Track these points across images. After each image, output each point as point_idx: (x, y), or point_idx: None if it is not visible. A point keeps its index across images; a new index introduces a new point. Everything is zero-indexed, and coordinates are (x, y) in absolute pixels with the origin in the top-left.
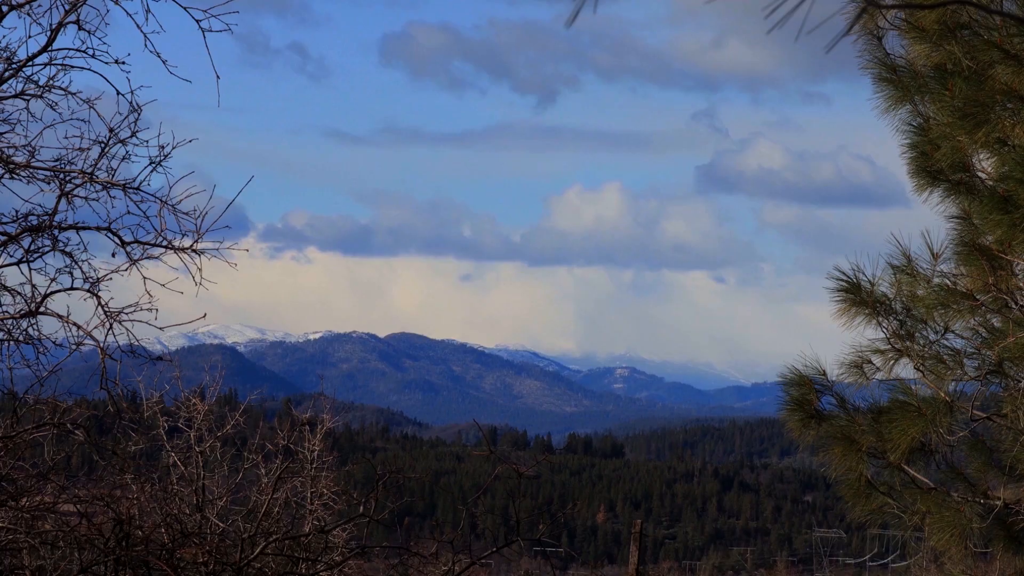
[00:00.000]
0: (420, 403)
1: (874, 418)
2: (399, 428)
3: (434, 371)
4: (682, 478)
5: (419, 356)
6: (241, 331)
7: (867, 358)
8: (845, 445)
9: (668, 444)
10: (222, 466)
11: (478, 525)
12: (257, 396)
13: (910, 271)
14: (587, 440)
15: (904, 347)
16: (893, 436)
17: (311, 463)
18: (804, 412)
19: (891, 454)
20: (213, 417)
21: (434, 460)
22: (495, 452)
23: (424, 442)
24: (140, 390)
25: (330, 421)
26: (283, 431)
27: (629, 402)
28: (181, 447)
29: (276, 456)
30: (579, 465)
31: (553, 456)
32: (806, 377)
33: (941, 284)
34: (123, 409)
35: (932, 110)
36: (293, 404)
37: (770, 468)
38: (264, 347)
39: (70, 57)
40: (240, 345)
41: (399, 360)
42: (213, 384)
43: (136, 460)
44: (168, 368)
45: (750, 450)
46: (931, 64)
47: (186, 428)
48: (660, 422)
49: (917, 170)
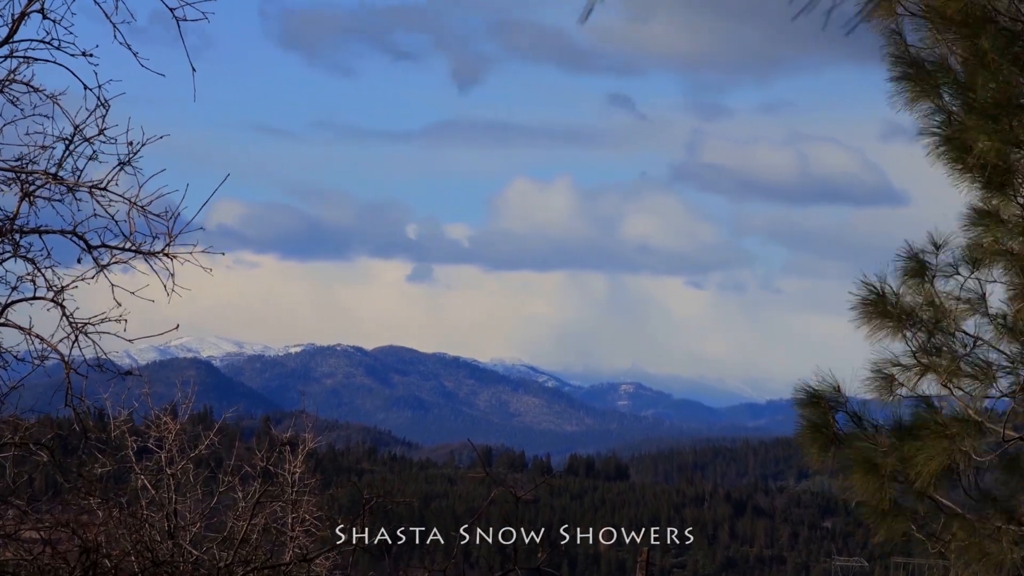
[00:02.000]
0: (409, 421)
1: (897, 439)
2: (387, 448)
3: (424, 387)
4: (692, 502)
5: (408, 371)
6: (217, 344)
7: (891, 373)
8: (867, 470)
9: (676, 465)
10: (196, 489)
11: (472, 553)
12: (234, 414)
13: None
14: (589, 461)
15: (931, 361)
16: (918, 459)
17: (292, 486)
18: (822, 436)
19: (916, 479)
20: (186, 437)
21: (424, 483)
22: (490, 474)
23: (414, 463)
24: (108, 407)
25: (313, 441)
26: (262, 452)
27: (634, 420)
28: (152, 469)
29: (254, 479)
30: (581, 488)
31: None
32: (821, 396)
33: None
34: (89, 428)
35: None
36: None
37: (786, 492)
38: (242, 361)
39: (33, 49)
40: (216, 359)
41: (387, 375)
42: (186, 401)
43: (103, 483)
44: (138, 383)
45: (764, 472)
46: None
47: (157, 449)
48: (668, 442)
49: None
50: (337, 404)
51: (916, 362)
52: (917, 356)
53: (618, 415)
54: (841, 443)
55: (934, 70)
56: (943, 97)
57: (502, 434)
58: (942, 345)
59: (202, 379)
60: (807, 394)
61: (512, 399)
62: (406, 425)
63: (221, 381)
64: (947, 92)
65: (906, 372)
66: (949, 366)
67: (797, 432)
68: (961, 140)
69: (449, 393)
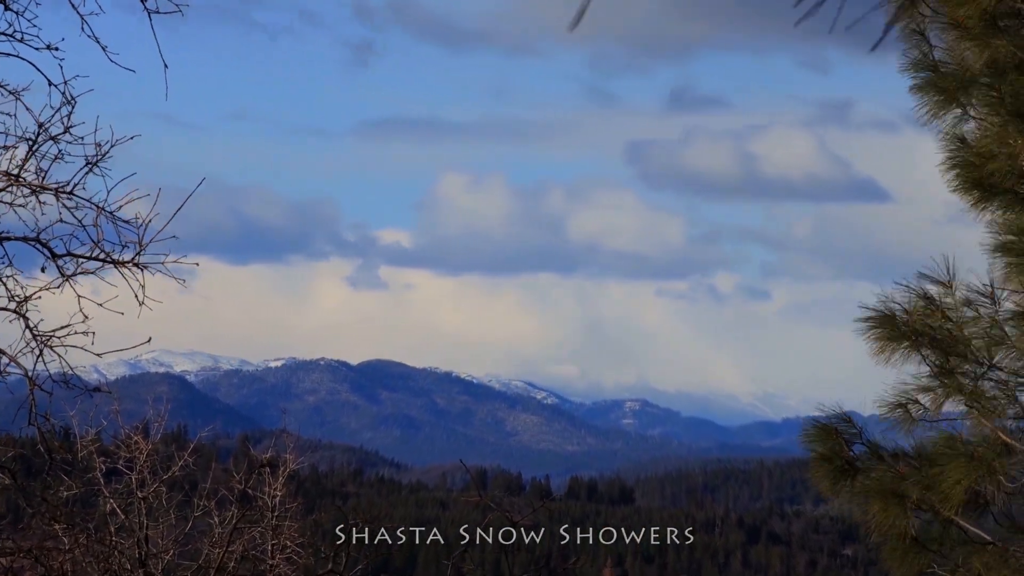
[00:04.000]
0: (398, 441)
1: (916, 466)
2: (374, 470)
3: (414, 404)
4: (702, 527)
5: (397, 387)
6: (191, 357)
7: (912, 397)
8: (885, 499)
9: (685, 488)
10: (169, 514)
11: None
12: (209, 432)
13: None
14: (592, 484)
15: (953, 382)
16: (943, 484)
17: (272, 511)
18: (834, 466)
19: (943, 507)
20: (158, 457)
21: (415, 507)
22: (485, 498)
23: (403, 486)
24: (74, 426)
25: (294, 462)
26: (240, 473)
27: (640, 440)
28: (122, 492)
29: (231, 503)
30: (582, 513)
31: (552, 502)
32: (831, 428)
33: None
34: (55, 448)
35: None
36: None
37: (803, 516)
38: (218, 376)
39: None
40: (190, 374)
41: (374, 391)
42: (159, 419)
43: (69, 507)
44: (107, 400)
45: (780, 495)
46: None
47: (127, 470)
48: (676, 462)
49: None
50: (320, 422)
51: (939, 383)
52: (939, 376)
53: (623, 434)
54: (857, 472)
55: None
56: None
57: (498, 454)
58: (961, 365)
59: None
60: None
61: (509, 417)
62: (395, 445)
63: (196, 397)
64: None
65: (928, 394)
66: (972, 386)
67: (809, 466)
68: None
69: (441, 410)
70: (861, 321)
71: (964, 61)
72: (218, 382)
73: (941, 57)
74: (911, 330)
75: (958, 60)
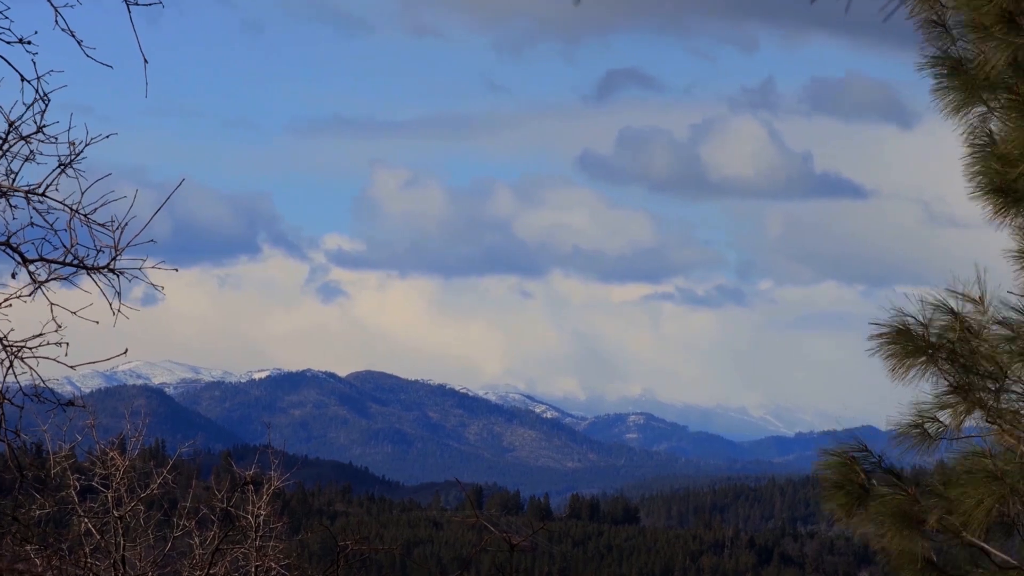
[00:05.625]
0: (389, 457)
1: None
2: (364, 488)
3: (406, 418)
4: (710, 549)
5: (388, 400)
6: (170, 369)
7: (930, 415)
8: (898, 523)
9: (693, 507)
10: (147, 534)
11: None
12: (190, 448)
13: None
14: (593, 503)
15: (975, 398)
16: (966, 504)
17: (256, 531)
18: (846, 492)
19: (966, 529)
20: (136, 474)
21: (406, 527)
22: (481, 517)
23: (394, 505)
24: (47, 441)
25: (279, 479)
26: (222, 492)
27: (645, 456)
28: (97, 511)
29: (213, 522)
30: (584, 533)
31: (552, 522)
32: (847, 456)
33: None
34: (26, 465)
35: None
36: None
37: (818, 537)
38: (198, 389)
39: None
40: (169, 386)
41: (364, 404)
42: (136, 434)
43: (42, 527)
44: (81, 415)
45: (793, 515)
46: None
47: (103, 488)
48: (683, 480)
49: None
50: (307, 437)
51: (959, 400)
52: (959, 393)
53: (626, 450)
54: (871, 497)
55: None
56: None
57: (494, 471)
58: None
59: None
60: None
61: (506, 431)
62: (386, 461)
63: (175, 411)
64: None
65: (946, 411)
66: (993, 402)
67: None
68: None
69: (434, 425)
70: (875, 338)
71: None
72: (199, 395)
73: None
74: (927, 344)
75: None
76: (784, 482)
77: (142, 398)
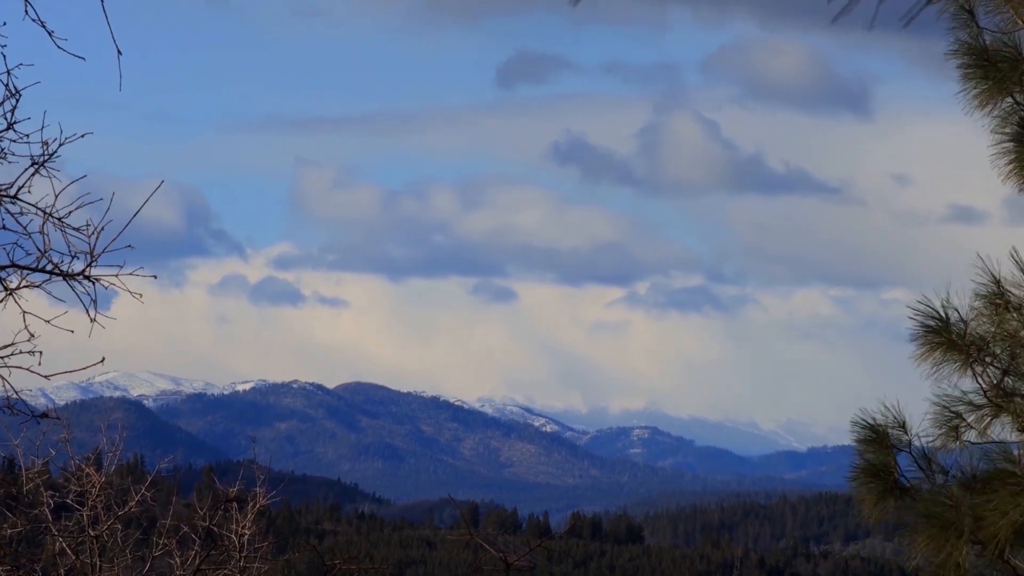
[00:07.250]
0: (380, 473)
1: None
2: (353, 505)
3: (398, 432)
4: (718, 569)
5: (379, 412)
6: (149, 380)
7: (959, 413)
8: (936, 529)
9: (700, 526)
10: (125, 554)
11: None
12: (170, 464)
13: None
14: (595, 520)
15: (1006, 404)
16: (990, 516)
17: (240, 550)
18: (882, 484)
19: (989, 540)
20: (113, 491)
21: (398, 547)
22: (477, 536)
23: (385, 523)
24: (19, 456)
25: (265, 496)
26: (204, 509)
27: (649, 472)
28: (71, 530)
29: (195, 541)
30: (585, 553)
31: (552, 541)
32: (883, 431)
33: None
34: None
35: None
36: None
37: (831, 557)
38: (179, 401)
39: None
40: (148, 398)
41: (353, 417)
42: (113, 448)
43: (14, 547)
44: (55, 428)
45: (806, 533)
46: None
47: (78, 506)
48: (689, 497)
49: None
50: (294, 452)
51: (988, 402)
52: (988, 395)
53: (630, 465)
54: (904, 493)
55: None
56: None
57: (491, 488)
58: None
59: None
60: (867, 428)
61: (503, 446)
62: (376, 477)
63: (155, 425)
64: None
65: (976, 412)
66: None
67: (851, 476)
68: None
69: (427, 439)
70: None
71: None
72: (179, 408)
73: (992, 40)
74: (966, 341)
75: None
76: (796, 499)
77: (120, 411)
